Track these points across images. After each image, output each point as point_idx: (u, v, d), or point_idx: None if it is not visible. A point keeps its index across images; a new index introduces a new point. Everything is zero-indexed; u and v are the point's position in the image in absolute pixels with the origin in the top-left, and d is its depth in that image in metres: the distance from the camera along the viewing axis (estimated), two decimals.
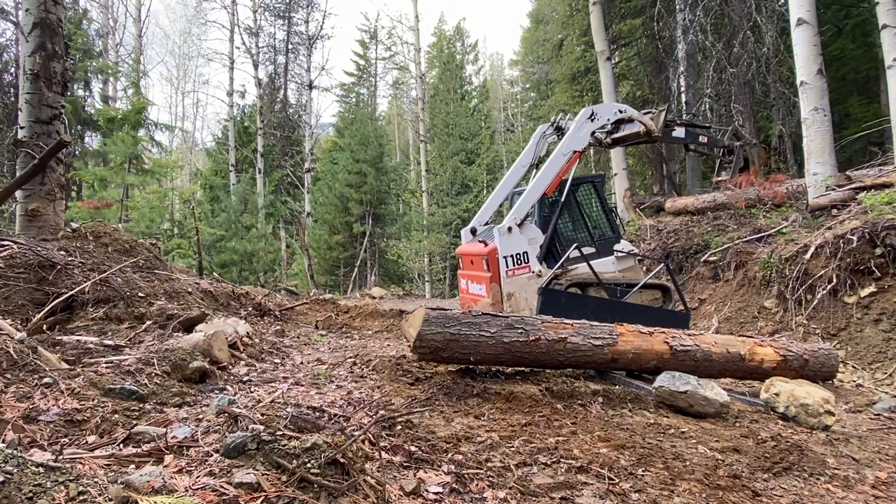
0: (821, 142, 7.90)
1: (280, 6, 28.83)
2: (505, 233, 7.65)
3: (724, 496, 2.38)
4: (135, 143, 17.08)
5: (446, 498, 2.14)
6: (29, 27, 6.20)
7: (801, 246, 6.98)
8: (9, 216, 11.41)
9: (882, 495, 2.63)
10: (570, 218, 8.14)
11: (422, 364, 4.32)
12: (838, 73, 13.62)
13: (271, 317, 7.03)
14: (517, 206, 7.84)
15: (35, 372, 2.84)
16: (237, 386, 3.61)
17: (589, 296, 7.17)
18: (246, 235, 19.82)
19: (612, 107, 8.70)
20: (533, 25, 34.43)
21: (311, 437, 1.99)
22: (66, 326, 4.21)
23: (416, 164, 30.92)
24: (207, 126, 47.37)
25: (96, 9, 23.94)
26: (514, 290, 7.50)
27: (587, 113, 8.24)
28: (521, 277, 7.60)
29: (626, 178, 14.59)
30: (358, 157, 23.61)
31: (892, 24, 7.81)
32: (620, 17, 16.43)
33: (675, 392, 3.75)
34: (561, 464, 2.58)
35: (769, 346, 4.75)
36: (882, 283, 6.09)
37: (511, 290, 7.49)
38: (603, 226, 8.19)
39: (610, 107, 8.77)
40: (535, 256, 7.60)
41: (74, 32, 17.91)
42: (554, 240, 7.83)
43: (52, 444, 2.14)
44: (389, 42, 35.45)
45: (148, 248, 6.53)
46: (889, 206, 6.49)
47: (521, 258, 7.69)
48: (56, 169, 6.30)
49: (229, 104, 26.76)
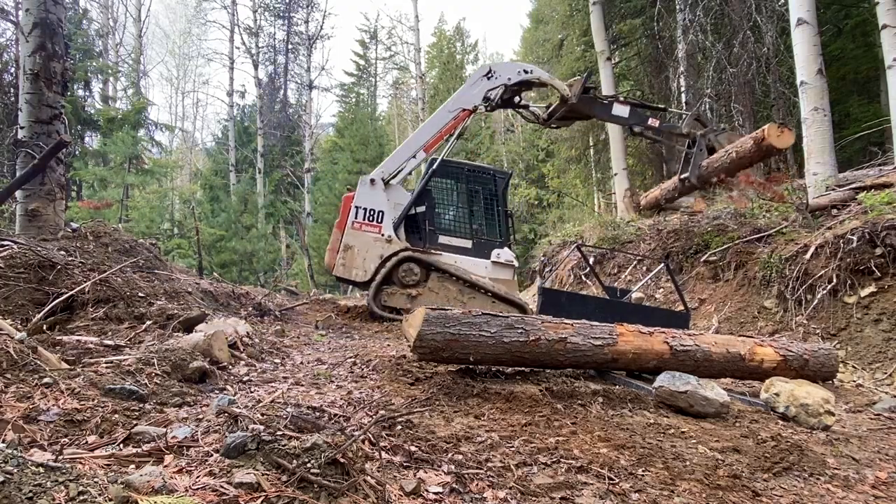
0: (821, 142, 7.90)
1: (280, 6, 28.87)
2: (367, 183, 7.27)
3: (724, 496, 2.38)
4: (135, 143, 17.11)
5: (446, 498, 2.14)
6: (29, 27, 6.20)
7: (801, 246, 6.98)
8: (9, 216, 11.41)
9: (882, 495, 2.63)
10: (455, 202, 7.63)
11: (422, 364, 4.32)
12: (838, 73, 13.62)
13: (271, 317, 7.03)
14: (388, 160, 7.38)
15: (35, 372, 2.84)
16: (237, 386, 3.61)
17: (589, 296, 7.17)
18: (246, 235, 19.83)
19: (516, 66, 7.73)
20: (533, 25, 34.39)
21: (311, 437, 1.99)
22: (66, 326, 4.21)
23: None
24: (207, 126, 47.47)
25: (96, 9, 23.96)
26: (354, 244, 7.14)
27: (483, 70, 7.53)
28: (367, 235, 7.19)
29: (626, 178, 14.59)
30: (358, 157, 23.63)
31: (892, 24, 7.81)
32: (620, 17, 16.44)
33: (675, 392, 3.75)
34: (561, 464, 2.58)
35: (769, 346, 4.75)
36: (882, 283, 6.09)
37: (351, 243, 7.14)
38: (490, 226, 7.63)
39: (512, 66, 7.80)
40: (389, 219, 7.18)
41: (74, 32, 17.91)
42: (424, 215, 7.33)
43: (52, 444, 2.14)
44: (389, 42, 35.52)
45: (148, 248, 6.53)
46: (889, 206, 6.49)
47: (374, 216, 7.23)
48: (56, 169, 6.30)
49: (229, 104, 26.80)
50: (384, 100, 41.86)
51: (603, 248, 10.64)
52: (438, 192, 7.75)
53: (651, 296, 9.07)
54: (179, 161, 29.25)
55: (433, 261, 7.33)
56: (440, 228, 7.52)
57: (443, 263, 7.35)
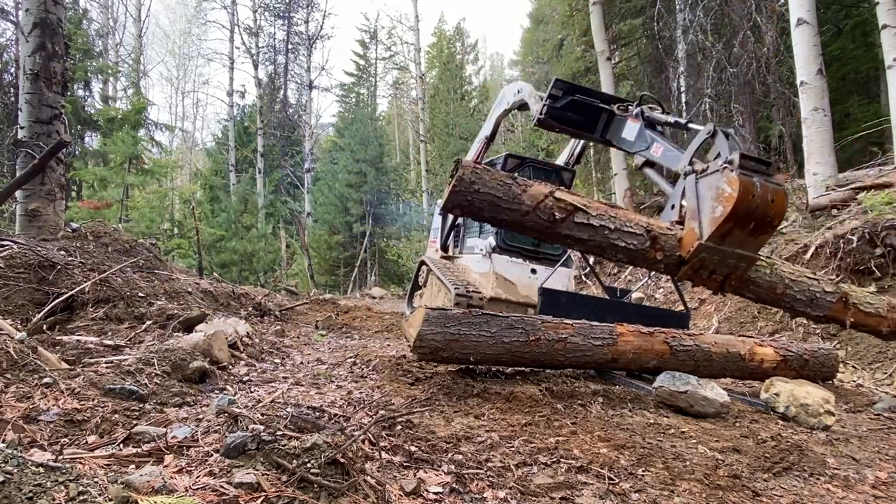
0: (821, 142, 7.90)
1: (280, 6, 28.88)
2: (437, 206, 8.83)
3: (724, 496, 2.38)
4: (135, 143, 17.11)
5: (446, 498, 2.14)
6: (29, 27, 6.20)
7: (801, 246, 6.98)
8: (9, 216, 11.41)
9: (882, 495, 2.63)
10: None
11: (422, 364, 4.32)
12: (838, 73, 13.63)
13: (271, 317, 7.04)
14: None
15: (35, 372, 2.85)
16: (237, 386, 3.61)
17: (589, 296, 7.17)
18: (246, 235, 19.83)
19: (514, 87, 7.52)
20: (533, 25, 34.43)
21: (311, 437, 1.99)
22: (66, 326, 4.22)
23: (416, 164, 30.92)
24: (207, 126, 47.45)
25: (96, 9, 23.97)
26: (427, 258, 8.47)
27: (498, 97, 8.07)
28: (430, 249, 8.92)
29: (626, 179, 14.60)
30: (358, 157, 23.64)
31: (892, 24, 7.81)
32: (620, 17, 16.44)
33: (675, 392, 3.75)
34: (561, 464, 2.58)
35: (769, 346, 4.75)
36: (882, 283, 6.10)
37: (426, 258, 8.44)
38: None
39: (512, 87, 7.61)
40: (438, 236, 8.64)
41: (74, 32, 17.91)
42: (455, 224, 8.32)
43: (52, 444, 2.14)
44: (389, 42, 35.52)
45: (148, 248, 6.54)
46: (889, 206, 6.49)
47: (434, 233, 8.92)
48: (56, 169, 6.31)
49: (229, 104, 26.81)
50: (384, 100, 41.90)
51: None
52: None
53: (651, 296, 9.07)
54: (179, 161, 29.27)
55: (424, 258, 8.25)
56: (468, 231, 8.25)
57: (428, 259, 8.11)
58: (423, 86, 28.63)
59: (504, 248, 7.11)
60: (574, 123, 5.70)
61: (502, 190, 3.77)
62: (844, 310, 4.19)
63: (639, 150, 4.91)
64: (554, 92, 5.66)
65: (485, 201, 3.77)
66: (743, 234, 3.70)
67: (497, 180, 3.79)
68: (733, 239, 3.71)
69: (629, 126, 5.09)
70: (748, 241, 3.75)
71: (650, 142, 4.78)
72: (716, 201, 3.67)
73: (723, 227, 3.63)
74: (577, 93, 5.67)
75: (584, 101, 5.58)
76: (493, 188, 3.75)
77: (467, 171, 3.73)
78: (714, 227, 3.64)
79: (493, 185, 3.76)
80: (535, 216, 3.82)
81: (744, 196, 3.51)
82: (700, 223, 3.76)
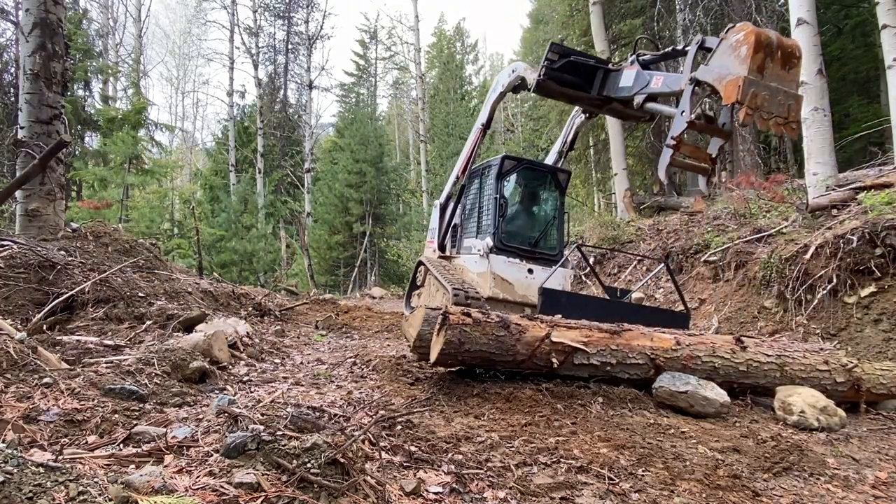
0: (821, 142, 7.89)
1: (280, 6, 28.89)
2: (436, 206, 8.59)
3: (724, 496, 2.38)
4: (135, 143, 17.10)
5: (446, 498, 2.14)
6: (29, 27, 6.20)
7: (801, 246, 6.97)
8: (9, 216, 11.42)
9: (882, 495, 2.63)
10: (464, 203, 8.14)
11: (422, 364, 4.32)
12: (838, 73, 13.63)
13: (271, 317, 7.03)
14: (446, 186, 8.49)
15: (35, 372, 2.85)
16: (237, 386, 3.61)
17: (589, 296, 7.17)
18: (246, 235, 19.83)
19: (507, 69, 7.68)
20: (533, 25, 34.40)
21: (311, 437, 1.99)
22: (66, 326, 4.22)
23: (416, 164, 30.93)
24: (207, 126, 47.40)
25: (96, 9, 23.96)
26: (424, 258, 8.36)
27: (493, 84, 8.04)
28: (428, 250, 8.70)
29: (626, 179, 14.59)
30: (358, 157, 23.63)
31: (892, 24, 7.81)
32: (620, 17, 16.43)
33: (675, 392, 3.75)
34: (561, 464, 2.58)
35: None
36: (882, 283, 6.09)
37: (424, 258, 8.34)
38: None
39: (506, 70, 7.78)
40: (435, 236, 8.49)
41: (74, 32, 17.91)
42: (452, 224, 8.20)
43: (52, 444, 2.14)
44: (389, 42, 35.51)
45: (148, 248, 6.54)
46: (889, 206, 6.48)
47: (432, 233, 8.65)
48: (56, 169, 6.30)
49: (229, 104, 26.80)
50: (384, 100, 41.91)
51: (603, 248, 10.63)
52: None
53: (651, 296, 9.07)
54: (179, 161, 29.22)
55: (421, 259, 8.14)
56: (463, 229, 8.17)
57: (426, 259, 8.00)
58: (423, 86, 28.64)
59: (501, 248, 7.08)
60: (572, 85, 5.99)
61: (495, 345, 3.69)
62: (857, 395, 4.28)
63: (639, 89, 5.16)
64: (550, 56, 5.94)
65: (476, 358, 3.73)
66: (776, 67, 3.95)
67: (488, 335, 3.67)
68: (770, 73, 3.93)
69: (626, 74, 5.41)
70: (783, 74, 3.97)
71: (649, 78, 5.10)
72: (736, 50, 4.00)
73: (756, 59, 3.87)
74: (573, 55, 6.03)
75: (580, 62, 5.92)
76: (485, 344, 3.66)
77: (455, 333, 3.58)
78: (748, 62, 3.87)
79: (484, 342, 3.66)
80: (532, 364, 3.83)
81: (758, 30, 3.93)
82: (733, 73, 3.97)
